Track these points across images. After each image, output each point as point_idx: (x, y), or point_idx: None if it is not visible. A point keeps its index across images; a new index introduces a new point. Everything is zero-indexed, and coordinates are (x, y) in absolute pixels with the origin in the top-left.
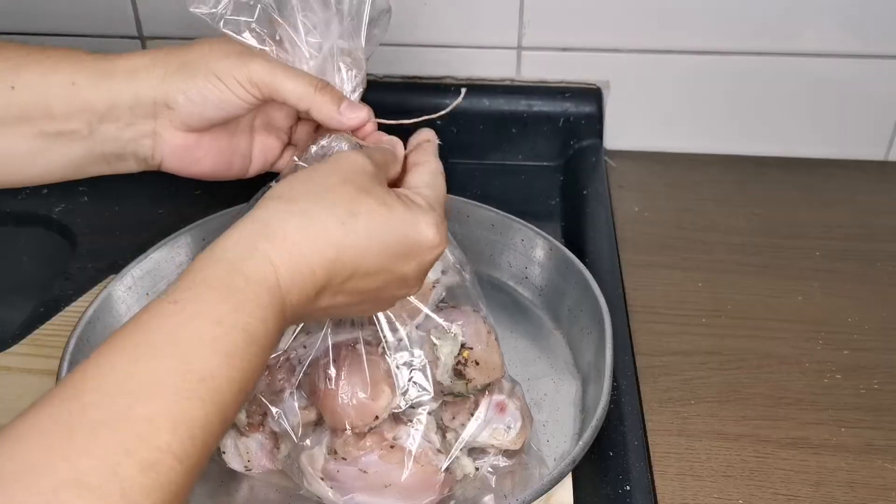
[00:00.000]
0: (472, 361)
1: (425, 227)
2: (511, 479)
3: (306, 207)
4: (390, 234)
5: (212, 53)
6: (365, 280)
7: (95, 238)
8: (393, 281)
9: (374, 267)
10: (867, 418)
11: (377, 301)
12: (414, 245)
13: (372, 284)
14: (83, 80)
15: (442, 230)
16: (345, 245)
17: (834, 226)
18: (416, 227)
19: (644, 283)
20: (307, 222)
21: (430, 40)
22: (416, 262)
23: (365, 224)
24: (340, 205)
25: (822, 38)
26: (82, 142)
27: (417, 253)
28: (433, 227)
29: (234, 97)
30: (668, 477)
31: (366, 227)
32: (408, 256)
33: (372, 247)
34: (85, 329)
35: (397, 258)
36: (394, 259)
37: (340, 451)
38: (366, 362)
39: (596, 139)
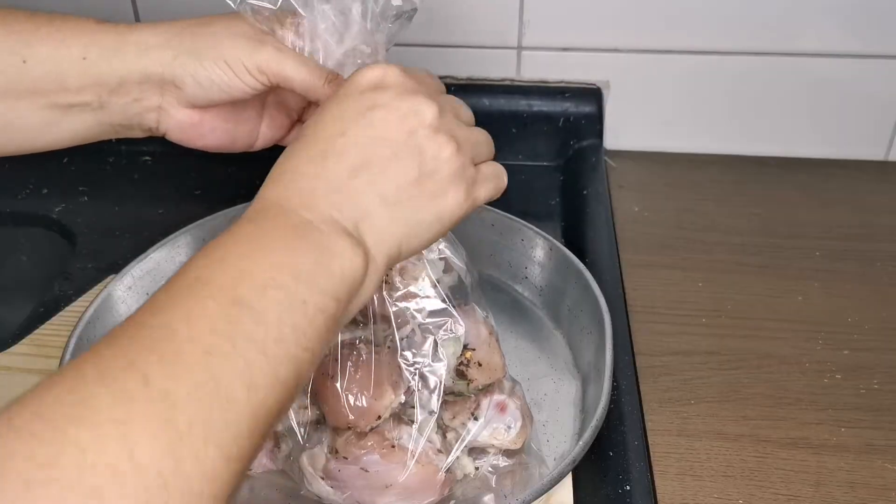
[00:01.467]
0: (475, 362)
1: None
2: (511, 479)
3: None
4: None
5: (224, 35)
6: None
7: (95, 238)
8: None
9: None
10: (867, 418)
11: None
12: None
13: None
14: (95, 54)
15: (381, 65)
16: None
17: (834, 226)
18: (352, 78)
19: (644, 283)
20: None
21: (430, 40)
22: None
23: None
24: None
25: (822, 38)
26: (92, 113)
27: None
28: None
29: (241, 83)
30: (668, 477)
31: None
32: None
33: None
34: (85, 329)
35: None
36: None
37: (342, 451)
38: (369, 361)
39: (596, 139)
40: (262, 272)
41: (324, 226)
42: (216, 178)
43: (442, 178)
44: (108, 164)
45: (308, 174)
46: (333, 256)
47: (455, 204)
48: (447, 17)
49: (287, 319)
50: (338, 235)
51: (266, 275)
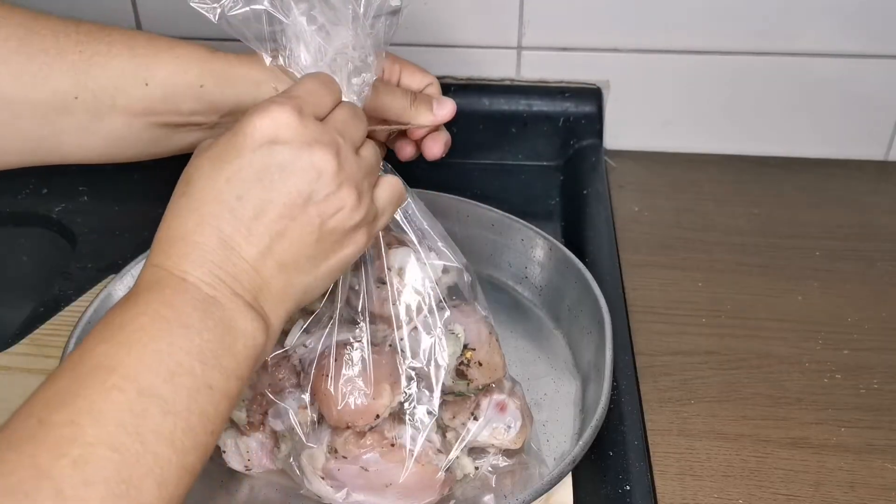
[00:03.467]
0: (475, 362)
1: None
2: (511, 479)
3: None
4: (224, 157)
5: None
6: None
7: (95, 238)
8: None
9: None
10: (867, 418)
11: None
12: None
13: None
14: (210, 83)
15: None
16: (196, 206)
17: (834, 226)
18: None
19: (644, 283)
20: (167, 222)
21: (429, 40)
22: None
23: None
24: (179, 186)
25: (822, 38)
26: (204, 131)
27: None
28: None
29: None
30: (668, 477)
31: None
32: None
33: (218, 181)
34: (85, 329)
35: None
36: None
37: (341, 450)
38: (367, 361)
39: (596, 139)
40: (168, 357)
41: (226, 301)
42: None
43: (343, 232)
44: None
45: (204, 245)
46: (237, 336)
47: (357, 249)
48: (447, 17)
49: (195, 407)
50: (240, 311)
51: (173, 360)
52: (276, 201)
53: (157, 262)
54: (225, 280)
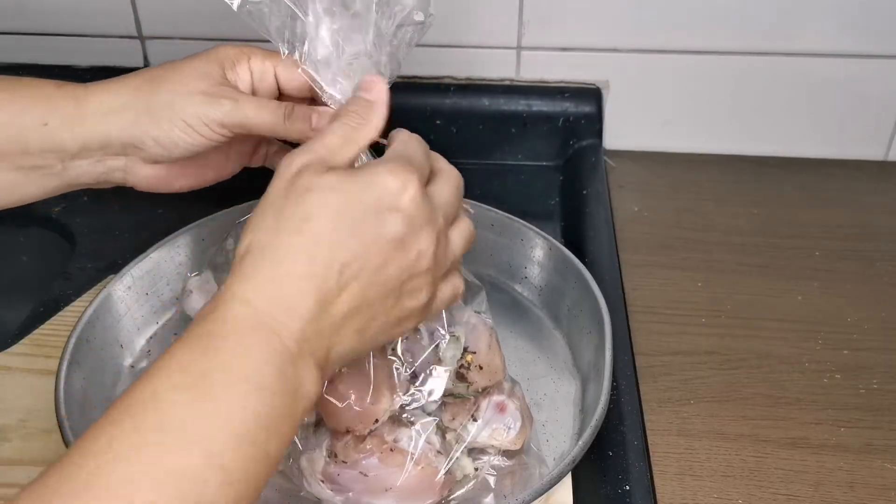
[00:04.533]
0: (475, 365)
1: (381, 179)
2: (511, 480)
3: (266, 243)
4: (348, 208)
5: (180, 94)
6: (357, 266)
7: (95, 238)
8: (390, 252)
9: (356, 247)
10: (867, 418)
11: (401, 290)
12: (377, 202)
13: (370, 267)
14: (55, 121)
15: (400, 172)
16: (311, 250)
17: (834, 226)
18: (371, 186)
19: (644, 283)
20: (272, 253)
21: (429, 40)
22: (394, 217)
23: (320, 218)
24: (290, 215)
25: (822, 38)
26: (56, 175)
27: (388, 209)
28: (389, 174)
29: (203, 139)
30: (668, 477)
31: (323, 219)
32: (379, 217)
33: (340, 230)
34: (84, 329)
35: (370, 224)
36: (368, 226)
37: (341, 454)
38: (366, 365)
39: (595, 139)
40: (240, 424)
41: (301, 361)
42: None
43: (411, 315)
44: None
45: (306, 297)
46: (300, 399)
47: (409, 328)
48: (447, 17)
49: (250, 477)
50: (310, 374)
51: (244, 427)
52: (379, 268)
53: (250, 299)
54: (310, 337)
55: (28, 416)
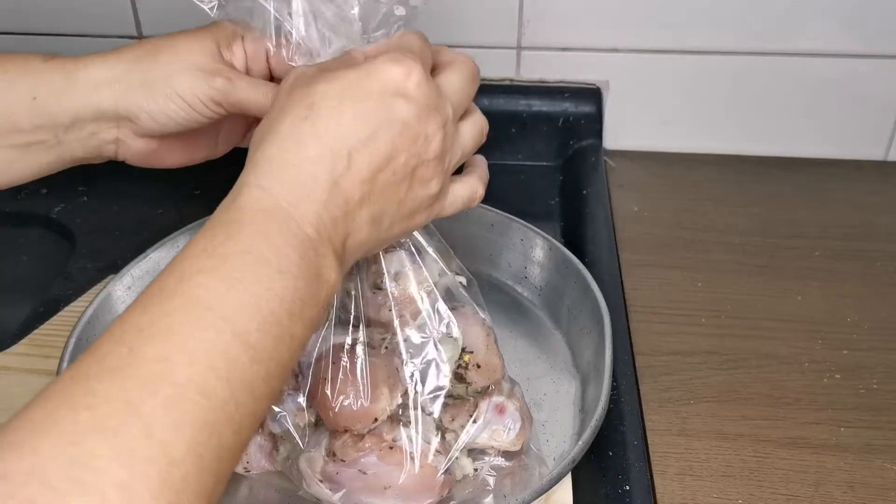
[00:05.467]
0: (473, 365)
1: (384, 66)
2: (511, 480)
3: (275, 132)
4: (354, 92)
5: (175, 68)
6: (367, 151)
7: (95, 238)
8: (398, 137)
9: (363, 131)
10: (867, 418)
11: (412, 177)
12: (381, 87)
13: (379, 152)
14: (44, 94)
15: (402, 59)
16: (319, 132)
17: (833, 226)
18: (374, 73)
19: (644, 283)
20: (280, 142)
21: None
22: (399, 102)
23: (323, 104)
24: (296, 106)
25: (822, 38)
26: (49, 150)
27: (392, 92)
28: (390, 62)
29: (196, 114)
30: (668, 477)
31: (325, 105)
32: (383, 101)
33: (345, 114)
34: (84, 329)
35: (375, 109)
36: (373, 111)
37: (339, 453)
38: (365, 364)
39: (595, 139)
40: (265, 304)
41: (321, 247)
42: (216, 178)
43: (421, 205)
44: (107, 163)
45: (318, 179)
46: (322, 285)
47: (423, 222)
48: (447, 17)
49: (276, 356)
50: (329, 260)
51: (268, 307)
52: (389, 154)
53: (265, 185)
54: (326, 223)
55: None
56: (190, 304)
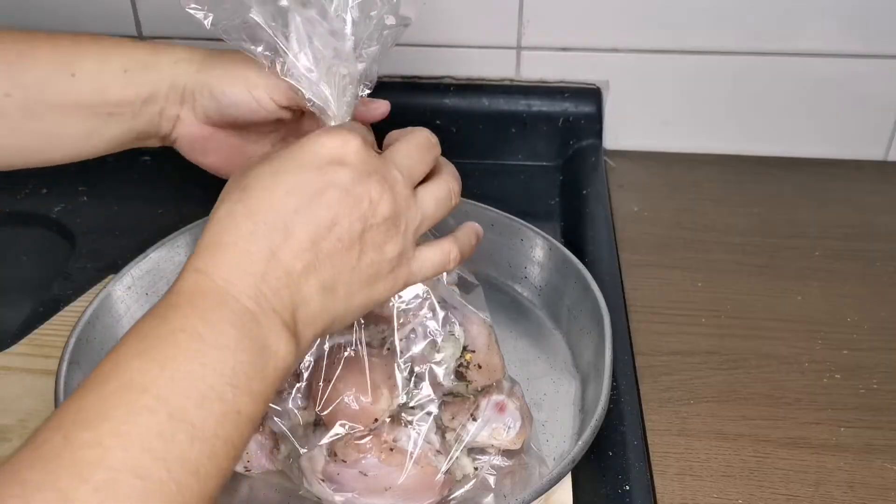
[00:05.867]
0: (474, 364)
1: (317, 139)
2: (511, 479)
3: (213, 221)
4: (285, 168)
5: (253, 65)
6: (304, 221)
7: (95, 238)
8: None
9: (297, 202)
10: (867, 418)
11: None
12: (318, 159)
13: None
14: (134, 68)
15: (341, 132)
16: (253, 211)
17: (833, 226)
18: (306, 146)
19: (644, 283)
20: (216, 225)
21: (429, 40)
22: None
23: (258, 185)
24: (233, 192)
25: (822, 38)
26: (126, 122)
27: (328, 161)
28: (325, 135)
29: (260, 109)
30: (668, 477)
31: (260, 186)
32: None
33: (277, 189)
34: (84, 329)
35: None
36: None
37: (340, 454)
38: (365, 364)
39: (595, 139)
40: (202, 380)
41: (264, 319)
42: (216, 179)
43: (381, 271)
44: (107, 164)
45: (253, 254)
46: (269, 357)
47: (387, 293)
48: (447, 17)
49: (221, 433)
50: (276, 331)
51: (205, 383)
52: (329, 221)
53: (199, 266)
54: (266, 294)
55: (28, 416)
56: (124, 387)
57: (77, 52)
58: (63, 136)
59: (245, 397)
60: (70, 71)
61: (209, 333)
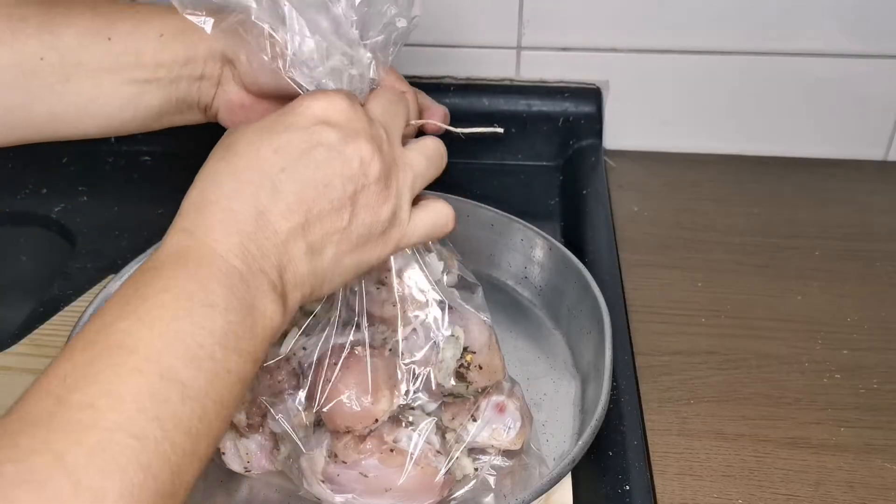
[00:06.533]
0: (475, 365)
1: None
2: (511, 479)
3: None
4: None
5: None
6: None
7: (95, 238)
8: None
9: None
10: (866, 418)
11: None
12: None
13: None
14: (169, 31)
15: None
16: (238, 169)
17: (833, 226)
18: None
19: (643, 283)
20: (200, 184)
21: (429, 40)
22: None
23: (242, 143)
24: (217, 151)
25: (822, 38)
26: (165, 88)
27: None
28: (310, 97)
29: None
30: (668, 477)
31: (246, 143)
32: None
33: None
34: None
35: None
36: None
37: (341, 455)
38: (366, 364)
39: (595, 139)
40: (191, 339)
41: (252, 279)
42: None
43: (372, 233)
44: (107, 164)
45: (238, 212)
46: (258, 317)
47: (378, 255)
48: (447, 17)
49: (212, 393)
50: (264, 292)
51: (195, 342)
52: (318, 181)
53: (184, 226)
54: (254, 254)
55: None
56: (112, 349)
57: (113, 17)
58: (98, 105)
59: (234, 356)
60: (106, 35)
61: (197, 291)
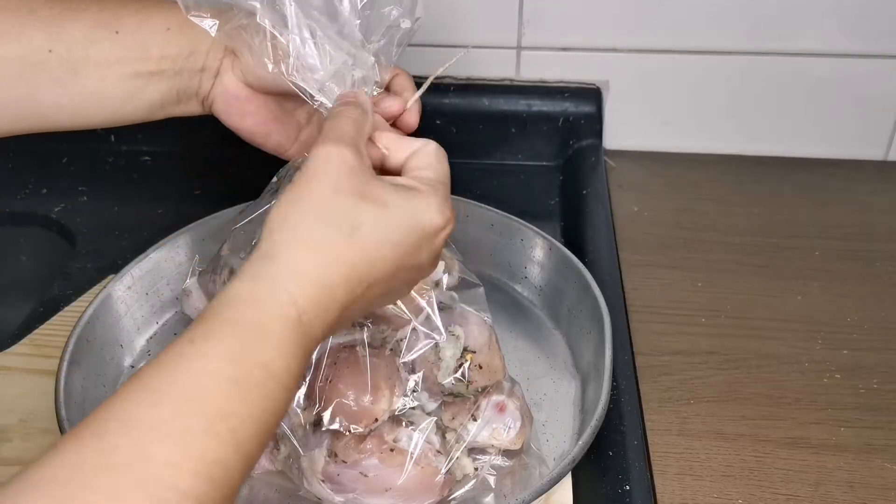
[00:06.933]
0: (475, 365)
1: (428, 214)
2: (511, 479)
3: (307, 234)
4: (396, 233)
5: None
6: (382, 284)
7: (95, 238)
8: (408, 274)
9: (390, 268)
10: (866, 418)
11: (391, 294)
12: (421, 235)
13: (389, 285)
14: (176, 25)
15: (446, 211)
16: (356, 261)
17: (833, 226)
18: (419, 216)
19: (643, 283)
20: (313, 248)
21: (429, 40)
22: (427, 248)
23: (369, 232)
24: (341, 219)
25: (822, 38)
26: (167, 81)
27: (427, 241)
28: (436, 211)
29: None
30: (668, 477)
31: (371, 235)
32: (418, 248)
33: (383, 252)
34: (84, 329)
35: (408, 254)
36: (405, 255)
37: (341, 454)
38: (366, 364)
39: (595, 139)
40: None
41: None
42: (216, 178)
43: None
44: (107, 164)
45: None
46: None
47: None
48: (447, 17)
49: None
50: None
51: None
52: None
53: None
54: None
55: (28, 416)
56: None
57: (120, 11)
58: (104, 96)
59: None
60: (114, 28)
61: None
